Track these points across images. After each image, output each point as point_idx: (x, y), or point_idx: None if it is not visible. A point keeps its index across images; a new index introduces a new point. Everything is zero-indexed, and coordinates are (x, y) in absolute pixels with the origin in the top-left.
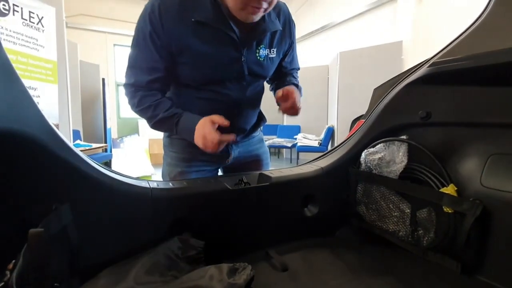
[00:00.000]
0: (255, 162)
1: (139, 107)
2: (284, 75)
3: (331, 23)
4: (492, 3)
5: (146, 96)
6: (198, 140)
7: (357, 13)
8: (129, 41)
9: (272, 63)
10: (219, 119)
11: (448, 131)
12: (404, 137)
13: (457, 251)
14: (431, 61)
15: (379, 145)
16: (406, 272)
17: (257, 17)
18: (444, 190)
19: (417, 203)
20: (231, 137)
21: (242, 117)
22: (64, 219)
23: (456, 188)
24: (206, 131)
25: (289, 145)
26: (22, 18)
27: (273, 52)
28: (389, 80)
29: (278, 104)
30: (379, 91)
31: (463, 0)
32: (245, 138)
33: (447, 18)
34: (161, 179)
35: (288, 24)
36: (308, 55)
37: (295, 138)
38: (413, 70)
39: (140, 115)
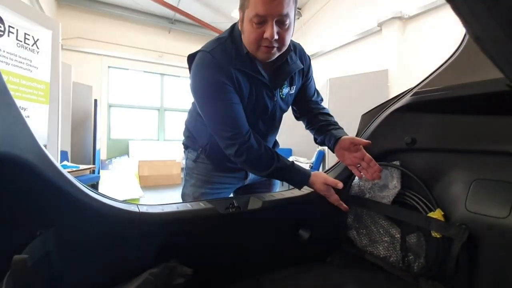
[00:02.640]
0: (267, 181)
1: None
2: (317, 113)
3: (321, 51)
4: (466, 38)
5: (258, 146)
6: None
7: (346, 42)
8: (123, 63)
9: (292, 98)
10: (333, 182)
11: (433, 157)
12: (397, 162)
13: (447, 277)
14: (413, 91)
15: None
16: None
17: (273, 55)
18: (432, 214)
19: (406, 228)
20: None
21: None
22: (48, 245)
23: (443, 213)
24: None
25: None
26: (17, 39)
27: (292, 89)
28: (376, 107)
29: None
30: (367, 117)
31: (442, 33)
32: None
33: (429, 48)
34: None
35: (305, 59)
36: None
37: None
38: (398, 98)
39: (256, 166)
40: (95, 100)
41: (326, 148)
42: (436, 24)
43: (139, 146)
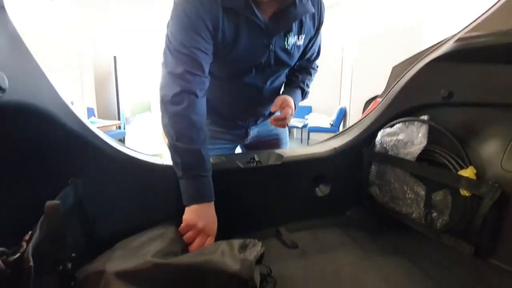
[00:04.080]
0: (275, 140)
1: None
2: (297, 70)
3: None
4: None
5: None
6: (196, 218)
7: None
8: (141, 19)
9: (298, 50)
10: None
11: (470, 112)
12: (424, 117)
13: (472, 234)
14: (457, 37)
15: (397, 125)
16: (418, 254)
17: None
18: (463, 172)
19: (433, 185)
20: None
21: (261, 104)
22: (79, 193)
23: (475, 171)
24: (210, 220)
25: (300, 125)
26: None
27: (301, 39)
28: (409, 58)
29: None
30: (398, 69)
31: None
32: (264, 120)
33: None
34: None
35: (318, 6)
36: (323, 33)
37: (306, 119)
38: (436, 46)
39: (178, 130)
40: (115, 57)
41: (348, 105)
42: None
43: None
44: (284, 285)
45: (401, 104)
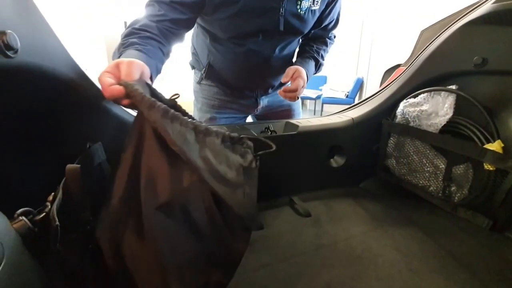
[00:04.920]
0: (286, 111)
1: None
2: (312, 38)
3: None
4: None
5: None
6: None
7: None
8: None
9: (313, 16)
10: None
11: (504, 81)
12: (452, 87)
13: (490, 208)
14: None
15: (422, 95)
16: (432, 226)
17: None
18: (489, 146)
19: (454, 158)
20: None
21: (270, 74)
22: (97, 157)
23: (503, 145)
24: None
25: (314, 96)
26: None
27: (316, 4)
28: (439, 21)
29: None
30: (427, 34)
31: None
32: (275, 90)
33: None
34: None
35: None
36: None
37: (321, 89)
38: (471, 8)
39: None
40: (125, 23)
41: (365, 75)
42: None
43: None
44: (297, 252)
45: (428, 72)
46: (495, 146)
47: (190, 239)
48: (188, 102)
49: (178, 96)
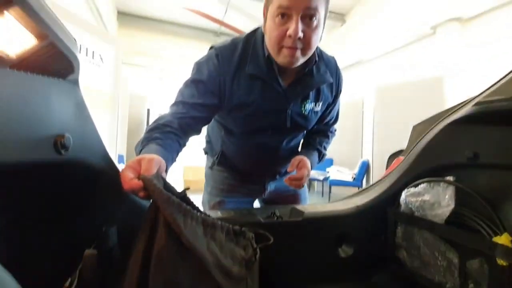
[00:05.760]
0: (293, 196)
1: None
2: (315, 132)
3: (366, 58)
4: None
5: (165, 127)
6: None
7: (394, 48)
8: (173, 76)
9: (316, 115)
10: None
11: (500, 175)
12: (450, 178)
13: None
14: (475, 100)
15: (422, 185)
16: None
17: (296, 60)
18: (497, 239)
19: (466, 252)
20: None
21: (278, 163)
22: (111, 241)
23: (511, 238)
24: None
25: (321, 178)
26: (86, 55)
27: (318, 106)
28: (429, 118)
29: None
30: (420, 128)
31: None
32: (282, 176)
33: (492, 52)
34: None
35: (336, 77)
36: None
37: (327, 171)
38: (455, 108)
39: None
40: (148, 110)
41: (371, 158)
42: (503, 25)
43: (185, 151)
44: None
45: (425, 163)
46: (503, 239)
47: None
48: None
49: (188, 189)
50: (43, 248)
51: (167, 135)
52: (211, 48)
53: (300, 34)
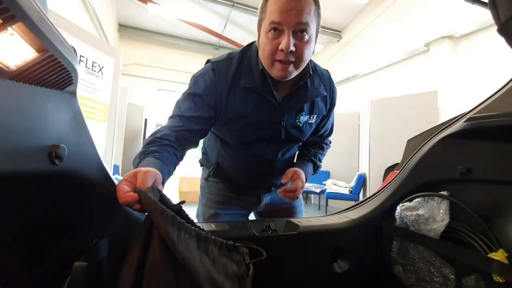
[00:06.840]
0: (288, 208)
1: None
2: (310, 144)
3: (362, 73)
4: None
5: (163, 140)
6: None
7: (388, 64)
8: (171, 86)
9: (310, 127)
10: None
11: (494, 190)
12: (444, 193)
13: None
14: (467, 116)
15: (417, 199)
16: None
17: (289, 74)
18: (493, 255)
19: (462, 268)
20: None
21: (273, 174)
22: (102, 253)
23: (506, 254)
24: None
25: (318, 191)
26: (86, 67)
27: (312, 118)
28: (423, 132)
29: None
30: (413, 143)
31: (499, 52)
32: (277, 189)
33: (484, 69)
34: (194, 218)
35: (330, 90)
36: (339, 101)
37: (324, 184)
38: (448, 123)
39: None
40: (146, 120)
41: (367, 171)
42: (492, 43)
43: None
44: None
45: (418, 178)
46: (499, 255)
47: None
48: None
49: (184, 202)
50: (33, 259)
51: (164, 148)
52: (207, 62)
53: (292, 48)
